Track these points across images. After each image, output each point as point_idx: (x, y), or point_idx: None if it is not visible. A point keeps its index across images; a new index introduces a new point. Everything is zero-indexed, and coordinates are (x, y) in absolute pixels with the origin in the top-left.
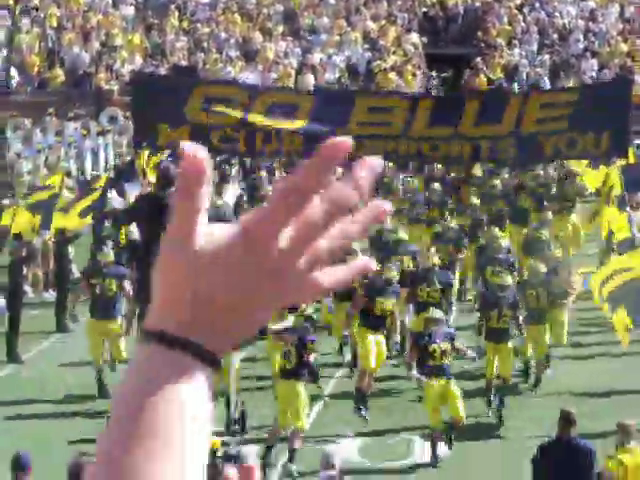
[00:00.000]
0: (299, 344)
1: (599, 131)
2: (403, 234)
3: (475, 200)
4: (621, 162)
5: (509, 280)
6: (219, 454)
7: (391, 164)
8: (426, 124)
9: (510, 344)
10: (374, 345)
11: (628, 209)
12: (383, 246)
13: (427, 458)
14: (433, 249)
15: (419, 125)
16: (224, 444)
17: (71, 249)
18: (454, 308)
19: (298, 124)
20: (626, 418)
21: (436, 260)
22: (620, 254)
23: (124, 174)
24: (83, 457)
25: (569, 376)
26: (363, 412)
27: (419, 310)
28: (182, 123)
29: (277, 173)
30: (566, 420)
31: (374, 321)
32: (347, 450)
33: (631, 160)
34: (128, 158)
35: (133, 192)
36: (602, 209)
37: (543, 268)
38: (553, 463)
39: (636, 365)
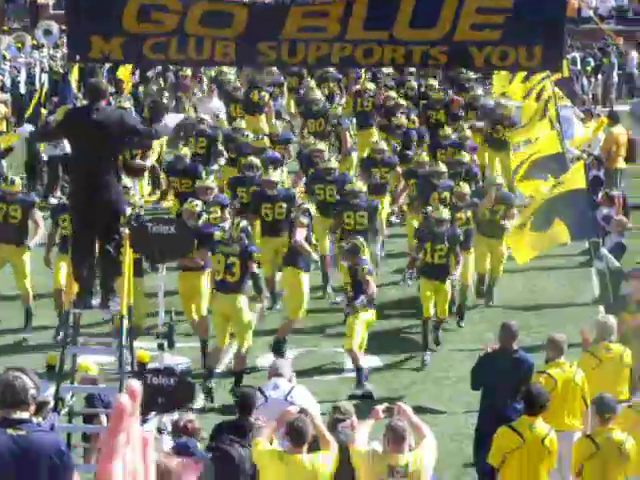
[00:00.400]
0: (244, 254)
1: (532, 43)
2: (334, 161)
3: (404, 120)
4: (556, 76)
5: (445, 214)
6: (148, 368)
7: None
8: (361, 26)
9: (448, 284)
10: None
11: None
12: (306, 161)
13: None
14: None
15: (354, 27)
16: (153, 358)
17: (4, 162)
18: (381, 238)
19: (233, 33)
20: (555, 332)
21: (361, 185)
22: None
23: (59, 88)
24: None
25: (500, 290)
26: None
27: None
28: (116, 34)
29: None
30: (508, 332)
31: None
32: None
33: (565, 74)
34: (62, 72)
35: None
36: (533, 126)
37: (467, 189)
38: (494, 373)
39: (562, 279)
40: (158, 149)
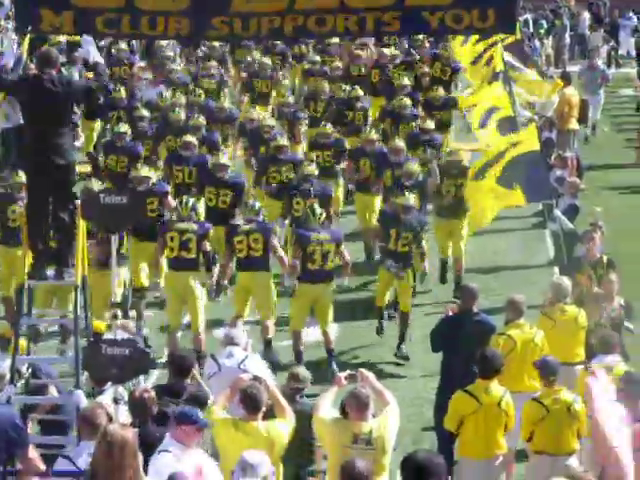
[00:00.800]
0: (201, 230)
1: (485, 5)
2: (284, 139)
3: (360, 92)
4: (509, 40)
5: (411, 200)
6: (103, 338)
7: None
8: None
9: (410, 273)
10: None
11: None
12: (256, 138)
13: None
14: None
15: None
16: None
17: None
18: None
19: (179, 6)
20: (514, 294)
21: (313, 169)
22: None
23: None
24: None
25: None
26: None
27: (296, 225)
28: (66, 8)
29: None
30: (469, 294)
31: None
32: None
33: (517, 36)
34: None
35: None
36: (480, 89)
37: (417, 168)
38: (456, 336)
39: (516, 241)
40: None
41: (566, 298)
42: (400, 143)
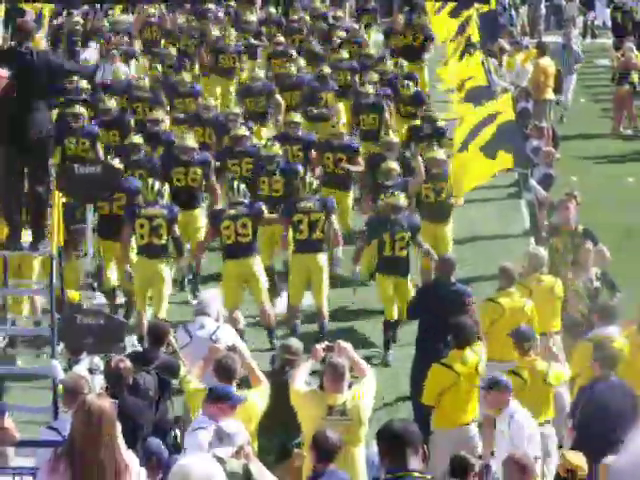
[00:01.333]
0: (170, 217)
1: None
2: (244, 129)
3: (327, 69)
4: (484, 8)
5: (402, 200)
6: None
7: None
8: None
9: (409, 279)
10: None
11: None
12: (222, 128)
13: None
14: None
15: None
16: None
17: None
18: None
19: None
20: (488, 264)
21: (277, 148)
22: (477, 102)
23: None
24: None
25: None
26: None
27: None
28: None
29: None
30: (445, 264)
31: None
32: None
33: (492, 6)
34: None
35: None
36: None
37: (395, 165)
38: (433, 305)
39: (492, 211)
40: None
41: (542, 268)
42: (393, 138)
